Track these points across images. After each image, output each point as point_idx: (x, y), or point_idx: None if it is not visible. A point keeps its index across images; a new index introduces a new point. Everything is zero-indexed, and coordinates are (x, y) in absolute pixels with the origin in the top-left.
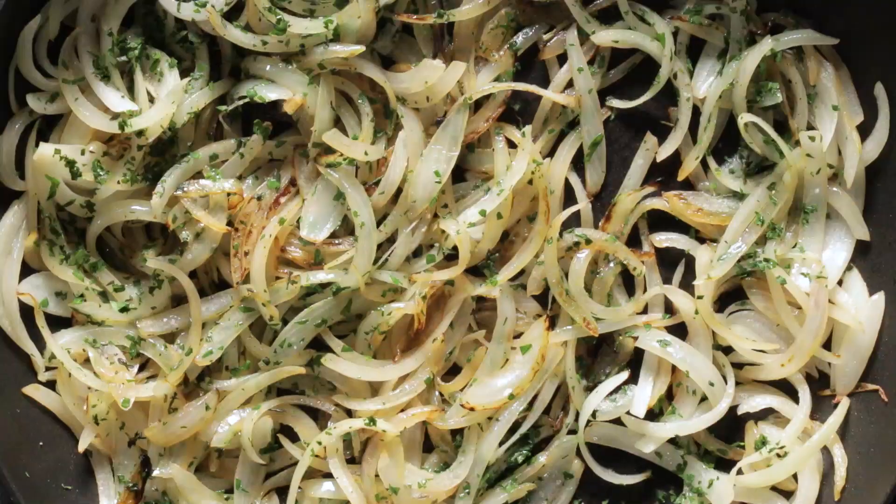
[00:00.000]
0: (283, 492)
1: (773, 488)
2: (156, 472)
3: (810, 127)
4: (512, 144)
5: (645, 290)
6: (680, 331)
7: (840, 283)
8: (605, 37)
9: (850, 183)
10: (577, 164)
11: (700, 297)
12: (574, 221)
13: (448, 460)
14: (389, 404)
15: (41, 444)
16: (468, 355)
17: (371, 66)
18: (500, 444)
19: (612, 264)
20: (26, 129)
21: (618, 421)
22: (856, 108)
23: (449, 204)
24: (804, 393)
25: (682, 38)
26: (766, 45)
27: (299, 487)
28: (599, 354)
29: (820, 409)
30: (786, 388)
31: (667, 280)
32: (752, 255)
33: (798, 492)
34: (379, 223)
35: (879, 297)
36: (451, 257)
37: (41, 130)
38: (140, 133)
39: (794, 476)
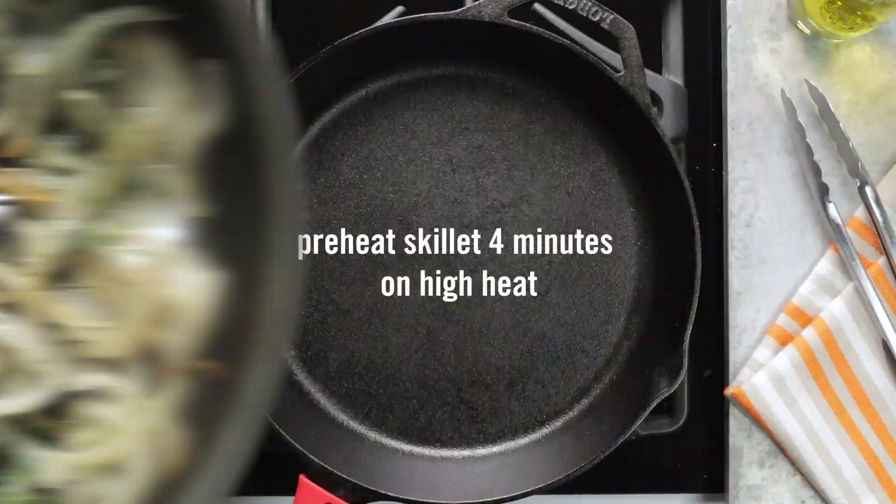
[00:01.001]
0: None
1: (108, 466)
2: None
3: (144, 104)
4: None
5: None
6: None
7: (175, 261)
8: None
9: (185, 159)
10: None
11: (30, 274)
12: None
13: None
14: None
15: None
16: None
17: None
18: None
19: None
20: None
21: None
22: (192, 86)
23: None
24: (136, 370)
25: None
26: (98, 21)
27: None
28: None
29: (160, 386)
30: (120, 365)
31: None
32: (82, 232)
33: (131, 469)
34: None
35: (212, 275)
36: None
37: None
38: None
39: (129, 454)
